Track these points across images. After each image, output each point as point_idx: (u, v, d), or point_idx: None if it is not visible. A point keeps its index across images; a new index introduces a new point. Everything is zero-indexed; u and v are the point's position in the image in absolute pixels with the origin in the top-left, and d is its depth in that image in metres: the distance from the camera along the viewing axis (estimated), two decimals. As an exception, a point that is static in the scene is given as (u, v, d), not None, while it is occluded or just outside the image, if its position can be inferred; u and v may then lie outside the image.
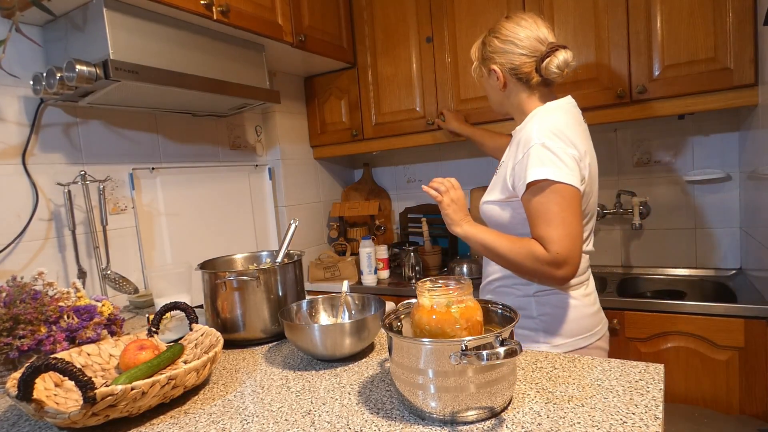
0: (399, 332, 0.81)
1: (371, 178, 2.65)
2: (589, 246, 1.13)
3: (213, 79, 1.55)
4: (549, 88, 1.15)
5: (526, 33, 1.09)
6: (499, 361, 0.63)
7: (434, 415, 0.70)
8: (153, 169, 1.70)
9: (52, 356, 0.72)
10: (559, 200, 0.96)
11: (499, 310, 0.82)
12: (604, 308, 1.46)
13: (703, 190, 1.90)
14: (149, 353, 0.93)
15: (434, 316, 0.73)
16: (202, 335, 1.02)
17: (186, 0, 1.40)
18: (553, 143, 0.99)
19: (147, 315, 1.31)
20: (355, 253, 2.32)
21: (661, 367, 0.82)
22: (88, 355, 0.96)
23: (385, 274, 2.18)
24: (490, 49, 1.15)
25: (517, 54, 1.10)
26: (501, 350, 0.62)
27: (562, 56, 1.06)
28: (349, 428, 0.71)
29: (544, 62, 1.07)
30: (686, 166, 1.91)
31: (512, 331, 0.72)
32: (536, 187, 0.98)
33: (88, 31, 1.30)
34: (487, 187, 1.22)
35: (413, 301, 0.80)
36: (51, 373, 0.84)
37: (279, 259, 1.21)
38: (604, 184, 2.07)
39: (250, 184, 2.13)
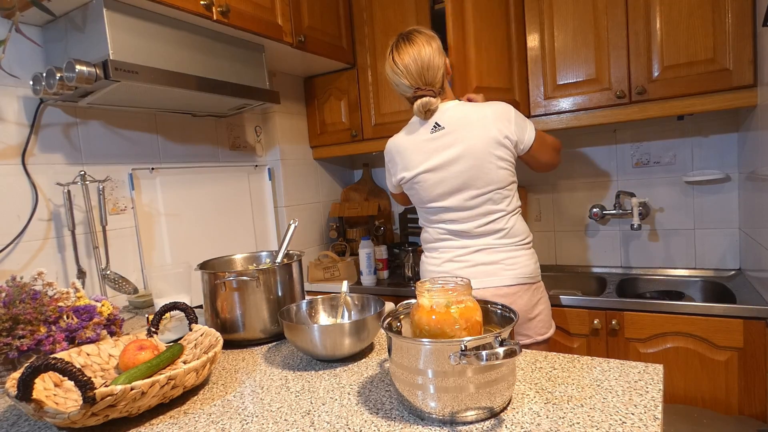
0: (398, 332, 0.81)
1: (371, 179, 2.66)
2: (432, 225, 1.42)
3: (212, 80, 1.55)
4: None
5: (396, 80, 1.35)
6: (498, 362, 0.63)
7: (433, 416, 0.70)
8: (153, 169, 1.70)
9: (51, 356, 0.72)
10: None
11: (499, 311, 0.82)
12: (603, 308, 1.65)
13: (703, 191, 1.90)
14: (149, 353, 0.93)
15: (434, 317, 0.73)
16: (201, 335, 1.02)
17: (186, 0, 1.41)
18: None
19: (146, 315, 1.31)
20: (355, 254, 2.32)
21: (660, 367, 0.83)
22: (88, 355, 0.96)
23: (384, 274, 2.18)
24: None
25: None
26: (500, 350, 0.63)
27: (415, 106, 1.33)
28: (349, 428, 0.71)
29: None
30: (685, 166, 1.92)
31: (512, 331, 0.72)
32: None
33: (87, 31, 1.30)
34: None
35: (413, 301, 0.80)
36: (50, 373, 0.85)
37: (278, 260, 1.21)
38: (603, 184, 2.08)
39: (249, 185, 2.13)
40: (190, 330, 1.05)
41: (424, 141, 1.34)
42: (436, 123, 1.33)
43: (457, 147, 1.30)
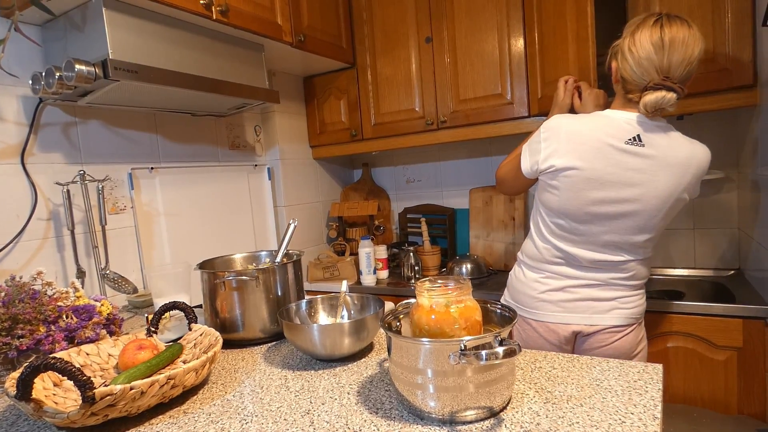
0: (398, 332, 0.81)
1: (370, 178, 2.66)
2: (548, 241, 1.22)
3: (212, 79, 1.55)
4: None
5: (649, 55, 1.06)
6: (498, 361, 0.63)
7: (433, 415, 0.70)
8: (152, 168, 1.70)
9: (50, 356, 0.72)
10: (515, 154, 1.28)
11: (498, 310, 0.82)
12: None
13: (702, 191, 1.89)
14: (148, 353, 0.93)
15: (433, 316, 0.73)
16: (201, 335, 1.02)
17: (185, 0, 1.40)
18: (544, 125, 1.18)
19: (146, 315, 1.31)
20: (354, 253, 2.32)
21: (659, 367, 0.83)
22: (87, 354, 0.96)
23: (384, 274, 2.18)
24: (620, 44, 1.14)
25: (629, 70, 1.10)
26: (500, 350, 0.63)
27: (653, 97, 1.05)
28: (348, 428, 0.71)
29: (644, 94, 1.07)
30: (685, 166, 1.91)
31: (511, 331, 0.72)
32: None
33: (87, 30, 1.30)
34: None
35: (412, 301, 0.80)
36: (50, 372, 0.84)
37: (278, 259, 1.21)
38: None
39: (249, 184, 2.13)
40: (190, 330, 1.05)
41: (612, 146, 1.09)
42: (638, 135, 1.09)
43: (646, 176, 1.09)
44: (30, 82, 1.33)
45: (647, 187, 1.10)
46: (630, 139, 1.09)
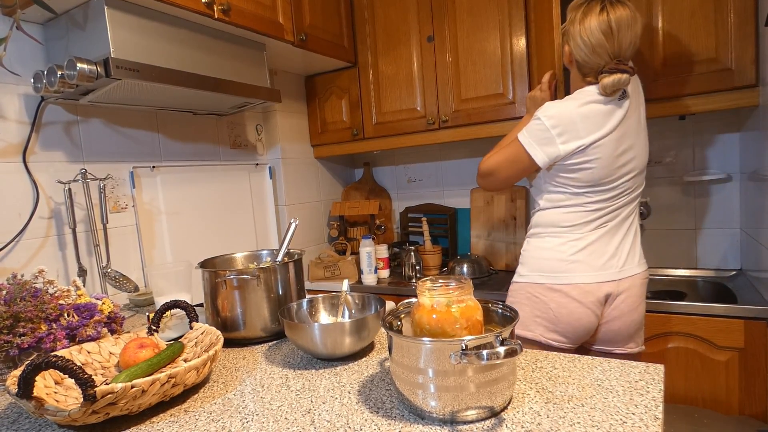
0: (399, 331, 0.81)
1: (372, 178, 2.65)
2: (595, 206, 1.25)
3: (214, 78, 1.55)
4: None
5: (600, 42, 1.18)
6: (499, 361, 0.63)
7: (434, 415, 0.70)
8: (153, 167, 1.70)
9: (52, 354, 0.72)
10: (510, 144, 1.30)
11: (500, 310, 0.82)
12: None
13: (704, 191, 1.90)
14: (149, 351, 0.93)
15: (434, 316, 0.73)
16: (202, 334, 1.02)
17: (187, -2, 1.41)
18: (544, 115, 1.22)
19: (147, 313, 1.31)
20: (356, 253, 2.32)
21: (661, 367, 0.83)
22: (89, 353, 0.96)
23: (385, 273, 2.18)
24: (570, 29, 1.24)
25: (582, 56, 1.22)
26: (501, 350, 0.63)
27: (611, 80, 1.16)
28: (349, 427, 0.71)
29: (601, 77, 1.19)
30: (686, 166, 1.91)
31: (512, 330, 0.72)
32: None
33: (89, 29, 1.30)
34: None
35: (413, 300, 0.80)
36: (51, 370, 0.84)
37: (279, 258, 1.21)
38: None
39: (250, 183, 2.13)
40: (191, 328, 1.05)
41: (613, 107, 1.20)
42: (623, 90, 1.21)
43: (633, 115, 1.23)
44: (32, 80, 1.34)
45: (635, 120, 1.23)
46: (619, 97, 1.21)
